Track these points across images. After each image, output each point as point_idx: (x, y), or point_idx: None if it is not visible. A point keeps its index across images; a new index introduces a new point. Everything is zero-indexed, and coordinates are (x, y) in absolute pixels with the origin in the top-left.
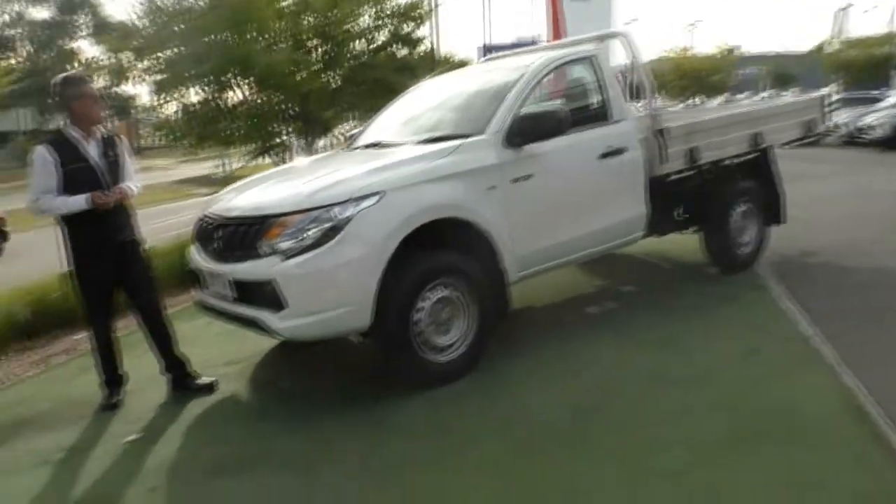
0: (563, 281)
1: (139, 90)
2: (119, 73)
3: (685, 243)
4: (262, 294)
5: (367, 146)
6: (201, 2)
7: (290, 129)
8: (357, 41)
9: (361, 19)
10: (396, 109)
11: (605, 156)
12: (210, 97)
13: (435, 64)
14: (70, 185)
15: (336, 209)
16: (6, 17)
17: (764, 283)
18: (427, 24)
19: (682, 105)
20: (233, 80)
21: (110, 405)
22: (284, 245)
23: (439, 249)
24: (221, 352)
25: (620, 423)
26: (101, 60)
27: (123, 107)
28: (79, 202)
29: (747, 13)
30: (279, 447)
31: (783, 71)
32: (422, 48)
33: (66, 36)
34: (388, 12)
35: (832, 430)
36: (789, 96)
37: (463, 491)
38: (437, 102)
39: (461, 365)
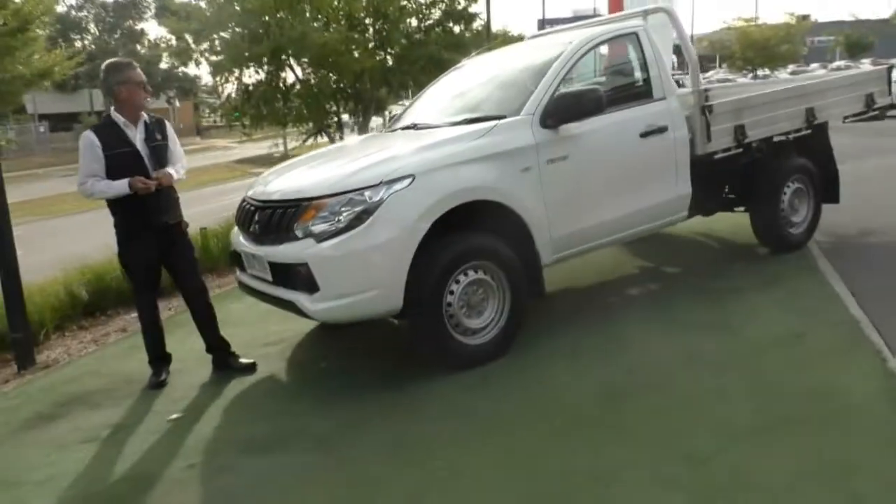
0: (606, 261)
1: (201, 71)
2: (180, 55)
3: (736, 221)
4: (297, 276)
5: (406, 128)
6: None
7: (345, 108)
8: (411, 19)
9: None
10: (437, 90)
11: (646, 134)
12: (266, 77)
13: (488, 40)
14: (115, 169)
15: (368, 192)
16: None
17: (815, 263)
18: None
19: (749, 76)
20: (288, 61)
21: (157, 384)
22: (318, 228)
23: (472, 231)
24: (266, 332)
25: (653, 406)
26: (167, 42)
27: (188, 88)
28: (121, 186)
29: None
30: (311, 427)
31: (858, 39)
32: (475, 24)
33: (132, 17)
34: None
35: (869, 416)
36: (862, 66)
37: (483, 472)
38: (476, 82)
39: (494, 347)
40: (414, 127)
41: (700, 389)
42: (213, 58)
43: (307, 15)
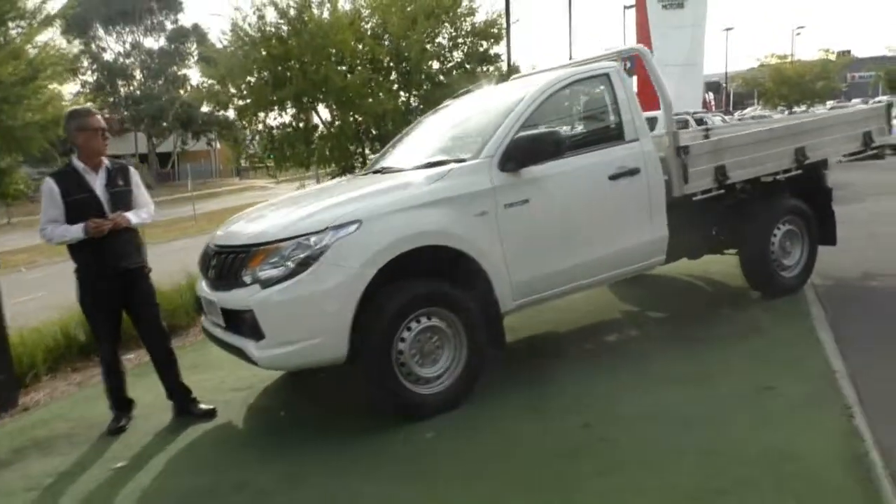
0: (590, 304)
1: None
2: (211, 99)
3: (732, 263)
4: (244, 323)
5: (375, 171)
6: (284, 28)
7: (370, 149)
8: (433, 61)
9: (437, 39)
10: (414, 132)
11: (616, 177)
12: (290, 121)
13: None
14: (74, 214)
15: (314, 238)
16: (125, 47)
17: (807, 309)
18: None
19: (786, 113)
20: (311, 104)
21: (116, 430)
22: (264, 274)
23: (423, 278)
24: (236, 377)
25: (605, 465)
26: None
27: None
28: (76, 231)
29: (857, 16)
30: (253, 480)
31: None
32: (498, 65)
33: (176, 63)
34: (466, 30)
35: (824, 482)
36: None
37: None
38: (450, 124)
39: (449, 398)
40: (382, 171)
41: (657, 448)
42: (240, 102)
43: (332, 59)
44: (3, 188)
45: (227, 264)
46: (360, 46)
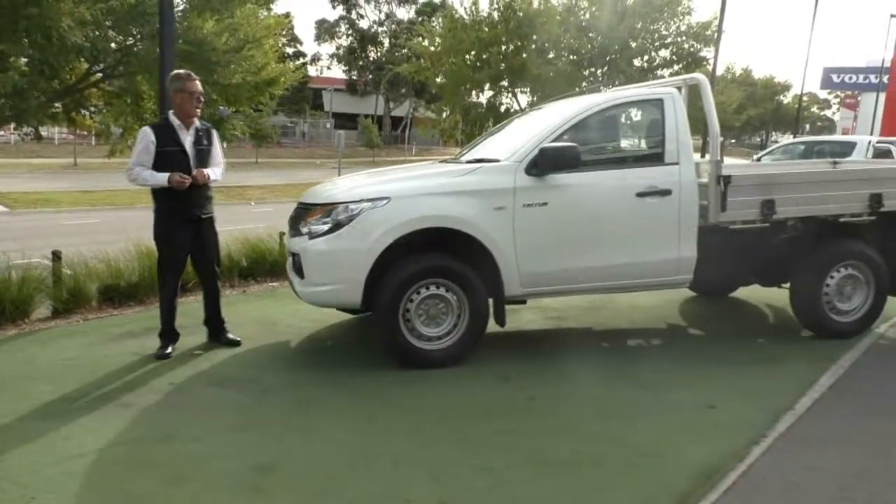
0: (645, 309)
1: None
2: (419, 73)
3: None
4: (296, 263)
5: (444, 161)
6: (495, 15)
7: None
8: (638, 58)
9: (643, 36)
10: (494, 132)
11: (644, 195)
12: (487, 102)
13: (713, 85)
14: (163, 163)
15: (352, 206)
16: (380, 15)
17: (841, 354)
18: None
19: None
20: (509, 88)
21: (162, 356)
22: (313, 228)
23: (436, 253)
24: (315, 311)
25: (520, 428)
26: (417, 61)
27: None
28: (161, 178)
29: None
30: (266, 380)
31: None
32: (705, 67)
33: (420, 35)
34: (677, 30)
35: (666, 479)
36: None
37: (333, 437)
38: (514, 128)
39: (448, 356)
40: (451, 161)
41: (566, 420)
42: (439, 80)
43: (534, 48)
44: (223, 133)
45: (298, 217)
46: (565, 38)
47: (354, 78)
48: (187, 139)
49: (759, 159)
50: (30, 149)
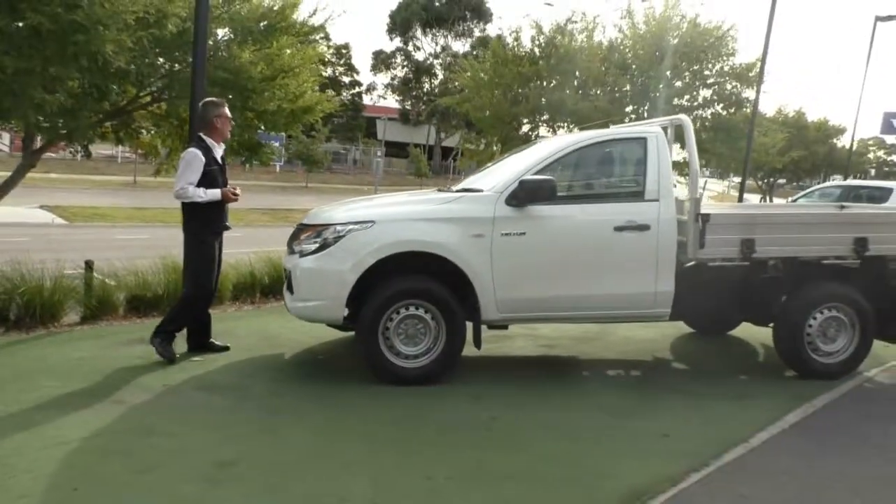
0: (638, 343)
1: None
2: (461, 105)
3: None
4: (288, 280)
5: (438, 189)
6: (536, 51)
7: None
8: (680, 100)
9: (685, 76)
10: (490, 165)
11: (622, 229)
12: (524, 135)
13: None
14: (207, 181)
15: (339, 227)
16: (436, 48)
17: (818, 393)
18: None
19: None
20: (549, 122)
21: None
22: (303, 247)
23: (416, 276)
24: (317, 328)
25: (481, 440)
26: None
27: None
28: (215, 193)
29: None
30: (251, 386)
31: None
32: (745, 109)
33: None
34: (721, 70)
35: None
36: None
37: (293, 443)
38: (505, 162)
39: (426, 373)
40: (442, 190)
41: (520, 439)
42: (478, 114)
43: (574, 83)
44: (259, 157)
45: (294, 237)
46: (606, 76)
47: (408, 108)
48: (219, 157)
49: (794, 200)
50: (93, 166)
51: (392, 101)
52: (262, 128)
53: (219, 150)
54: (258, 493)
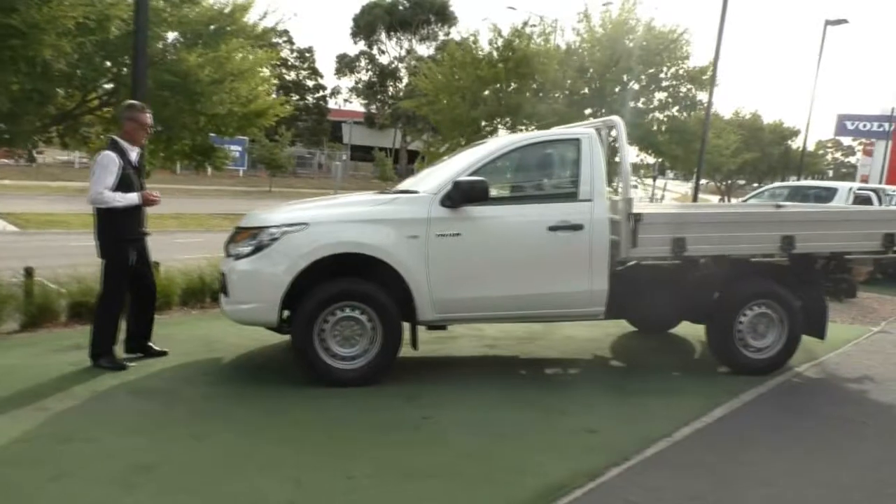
0: (579, 342)
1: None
2: (419, 108)
3: None
4: (223, 282)
5: (378, 192)
6: (495, 54)
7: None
8: (636, 102)
9: (640, 78)
10: (428, 168)
11: (556, 228)
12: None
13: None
14: (123, 185)
15: (273, 230)
16: (401, 51)
17: (744, 388)
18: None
19: None
20: (506, 125)
21: (123, 366)
22: (238, 249)
23: (351, 278)
24: (257, 332)
25: (417, 437)
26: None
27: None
28: (133, 197)
29: None
30: (182, 391)
31: None
32: (698, 112)
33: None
34: (675, 73)
35: (512, 487)
36: None
37: (218, 443)
38: (445, 163)
39: (362, 375)
40: (382, 192)
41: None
42: (435, 117)
43: (532, 87)
44: (213, 161)
45: (230, 239)
46: (564, 78)
47: (373, 112)
48: (134, 160)
49: (746, 200)
50: (50, 172)
51: (357, 105)
52: (213, 132)
53: (134, 154)
54: (172, 495)
